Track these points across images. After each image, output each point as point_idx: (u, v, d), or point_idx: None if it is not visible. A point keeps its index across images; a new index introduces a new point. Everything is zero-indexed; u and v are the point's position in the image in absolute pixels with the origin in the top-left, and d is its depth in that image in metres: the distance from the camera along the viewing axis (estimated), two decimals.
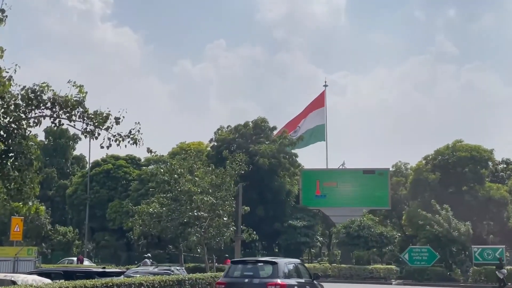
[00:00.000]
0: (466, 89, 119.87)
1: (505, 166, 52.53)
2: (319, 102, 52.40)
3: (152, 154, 22.79)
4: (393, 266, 38.20)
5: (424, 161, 45.63)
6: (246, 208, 24.83)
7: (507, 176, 49.43)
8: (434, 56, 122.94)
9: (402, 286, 34.32)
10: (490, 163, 45.13)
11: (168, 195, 23.29)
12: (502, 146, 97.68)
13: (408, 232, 49.44)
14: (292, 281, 14.03)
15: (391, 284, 35.37)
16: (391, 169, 49.06)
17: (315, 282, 15.60)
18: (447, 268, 36.98)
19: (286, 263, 14.60)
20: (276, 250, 47.89)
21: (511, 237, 44.96)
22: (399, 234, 46.56)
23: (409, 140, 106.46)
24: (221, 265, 29.27)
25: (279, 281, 13.52)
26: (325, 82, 52.94)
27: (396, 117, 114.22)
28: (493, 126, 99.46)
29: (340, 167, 50.06)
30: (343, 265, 38.39)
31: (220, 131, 47.21)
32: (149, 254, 29.26)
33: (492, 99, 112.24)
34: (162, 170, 23.60)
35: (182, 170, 22.99)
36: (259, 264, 14.64)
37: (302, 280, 14.70)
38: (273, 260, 14.64)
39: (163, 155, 28.09)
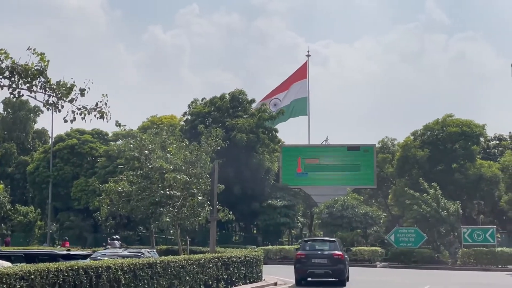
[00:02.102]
0: (457, 60, 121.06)
1: (497, 142, 53.43)
2: (301, 73, 52.43)
3: (121, 128, 22.97)
4: (378, 248, 38.84)
5: (412, 137, 46.14)
6: (221, 186, 24.91)
7: (499, 153, 50.30)
8: (424, 25, 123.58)
9: (388, 269, 34.95)
10: (481, 139, 45.85)
11: (138, 172, 23.23)
12: (495, 121, 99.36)
13: (394, 212, 50.23)
14: (344, 253, 23.74)
15: (375, 267, 36.00)
16: (377, 145, 49.54)
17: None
18: (435, 250, 37.72)
19: (339, 241, 24.77)
20: (254, 231, 48.32)
21: (503, 217, 46.01)
22: (385, 214, 47.26)
23: (396, 115, 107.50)
24: (195, 247, 29.45)
25: (339, 252, 22.92)
26: (308, 52, 53.03)
27: (382, 90, 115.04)
28: (485, 100, 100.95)
29: (323, 143, 50.42)
30: None
31: (194, 104, 47.05)
32: (118, 236, 29.30)
33: (484, 71, 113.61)
34: (131, 146, 23.44)
35: (153, 145, 22.90)
36: (324, 241, 24.50)
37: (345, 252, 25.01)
38: (332, 239, 24.93)
39: (132, 130, 27.89)
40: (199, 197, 22.77)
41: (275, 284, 22.15)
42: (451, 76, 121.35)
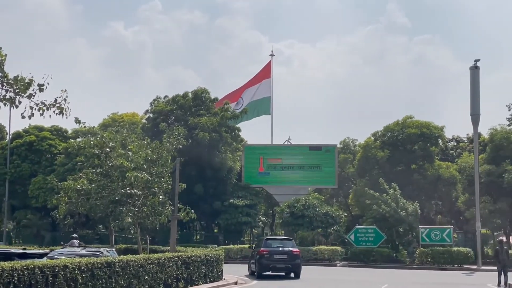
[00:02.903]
0: (417, 62, 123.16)
1: (455, 144, 54.50)
2: (264, 72, 52.60)
3: (81, 125, 22.69)
4: (338, 247, 39.29)
5: (373, 138, 46.74)
6: (182, 185, 24.79)
7: (457, 154, 51.33)
8: (385, 27, 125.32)
9: (347, 268, 35.37)
10: (440, 140, 46.68)
11: (98, 170, 22.92)
12: (453, 123, 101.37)
13: (354, 211, 50.84)
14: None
15: (335, 266, 36.41)
16: (338, 145, 50.07)
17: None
18: (394, 249, 38.37)
19: (293, 240, 29.14)
20: (216, 230, 48.25)
21: (459, 217, 47.02)
22: (345, 214, 47.80)
23: (358, 116, 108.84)
24: (155, 246, 29.26)
25: (297, 249, 26.74)
26: (272, 51, 53.27)
27: (345, 91, 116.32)
28: (444, 102, 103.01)
29: (286, 142, 50.68)
30: None
31: (156, 101, 46.68)
32: (76, 235, 28.78)
33: (443, 74, 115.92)
34: (91, 143, 23.12)
35: (114, 143, 22.65)
36: (283, 240, 28.12)
37: None
38: (289, 238, 29.29)
39: (93, 127, 27.41)
40: (160, 196, 22.62)
41: (236, 283, 22.20)
42: (411, 78, 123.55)
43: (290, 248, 26.12)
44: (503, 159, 40.00)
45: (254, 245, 30.00)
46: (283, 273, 26.35)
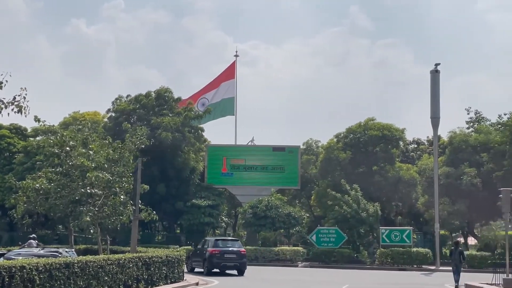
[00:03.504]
0: (379, 65, 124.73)
1: (415, 146, 55.47)
2: (229, 73, 52.53)
3: (40, 123, 22.28)
4: (300, 248, 39.57)
5: (335, 139, 47.15)
6: (145, 186, 24.62)
7: (417, 156, 52.24)
8: (348, 29, 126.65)
9: (309, 268, 35.66)
10: (401, 142, 47.42)
11: (58, 169, 22.60)
12: (414, 125, 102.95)
13: (316, 212, 51.26)
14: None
15: (297, 266, 36.66)
16: (302, 146, 50.37)
17: None
18: (355, 250, 38.85)
19: (239, 240, 32.14)
20: (178, 231, 48.03)
21: (419, 218, 47.87)
22: (308, 215, 48.20)
23: (321, 117, 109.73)
24: (116, 247, 28.99)
25: (244, 249, 29.55)
26: (236, 52, 53.15)
27: (309, 92, 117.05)
28: (405, 104, 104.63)
29: (249, 143, 50.76)
30: (248, 247, 39.18)
31: (118, 100, 46.18)
32: (35, 235, 28.26)
33: (404, 77, 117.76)
34: (51, 142, 22.78)
35: (74, 142, 22.36)
36: (232, 240, 30.65)
37: None
38: (236, 238, 32.73)
39: (53, 125, 26.98)
40: (122, 196, 22.41)
41: (197, 284, 22.17)
42: (374, 80, 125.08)
43: (238, 248, 28.89)
44: (462, 162, 40.87)
45: (198, 245, 31.79)
46: (232, 271, 28.70)
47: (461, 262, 24.66)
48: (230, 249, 28.63)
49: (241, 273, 28.25)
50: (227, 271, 28.59)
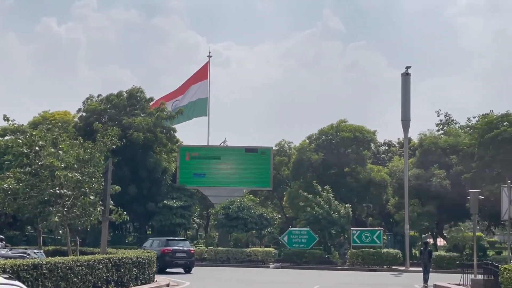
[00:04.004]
0: (352, 68, 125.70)
1: (386, 148, 56.07)
2: (202, 74, 52.36)
3: (9, 123, 21.94)
4: (271, 249, 39.65)
5: (307, 141, 47.40)
6: (117, 187, 24.38)
7: (388, 158, 52.80)
8: (321, 32, 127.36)
9: (280, 269, 35.75)
10: (372, 144, 47.90)
11: (27, 169, 22.24)
12: (385, 127, 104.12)
13: (288, 214, 51.48)
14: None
15: (269, 267, 36.72)
16: (274, 148, 50.46)
17: None
18: (326, 251, 39.10)
19: (188, 240, 34.97)
20: (149, 232, 47.70)
21: (389, 219, 48.39)
22: (280, 216, 48.32)
23: (294, 119, 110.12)
24: (86, 248, 28.68)
25: (193, 248, 32.34)
26: (209, 52, 52.99)
27: (281, 94, 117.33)
28: (376, 107, 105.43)
29: (222, 144, 50.69)
30: (220, 248, 39.21)
31: (89, 100, 45.69)
32: (2, 236, 27.89)
33: (376, 79, 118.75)
34: (20, 142, 22.43)
35: (44, 142, 22.03)
36: (181, 240, 32.48)
37: None
38: (185, 238, 35.71)
39: (22, 125, 26.62)
40: (91, 197, 22.14)
41: (167, 285, 22.06)
42: (346, 82, 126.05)
43: (188, 248, 31.05)
44: (431, 164, 41.43)
45: (144, 245, 32.81)
46: (182, 269, 30.63)
47: (430, 261, 25.17)
48: (181, 248, 30.61)
49: (189, 270, 30.18)
50: (169, 269, 29.75)
